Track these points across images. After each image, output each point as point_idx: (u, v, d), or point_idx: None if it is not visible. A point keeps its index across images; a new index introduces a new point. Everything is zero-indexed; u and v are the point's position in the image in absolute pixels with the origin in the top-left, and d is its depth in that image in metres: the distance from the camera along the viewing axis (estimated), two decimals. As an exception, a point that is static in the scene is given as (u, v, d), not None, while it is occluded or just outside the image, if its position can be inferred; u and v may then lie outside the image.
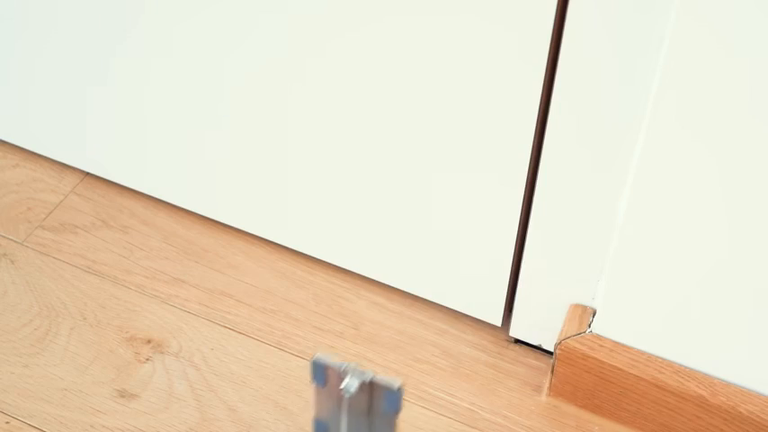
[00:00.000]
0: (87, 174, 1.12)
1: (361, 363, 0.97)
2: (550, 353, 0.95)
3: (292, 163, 0.96)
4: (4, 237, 1.07)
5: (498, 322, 0.98)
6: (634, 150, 0.75)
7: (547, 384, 0.95)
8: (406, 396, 0.95)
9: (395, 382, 0.80)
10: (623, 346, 0.88)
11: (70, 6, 0.95)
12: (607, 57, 0.72)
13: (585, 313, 0.90)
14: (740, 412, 0.84)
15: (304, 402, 0.94)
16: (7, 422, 0.91)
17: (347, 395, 0.82)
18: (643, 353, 0.87)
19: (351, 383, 0.81)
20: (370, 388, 0.82)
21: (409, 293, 1.01)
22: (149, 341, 0.98)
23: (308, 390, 0.95)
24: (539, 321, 0.95)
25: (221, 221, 1.07)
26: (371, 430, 0.86)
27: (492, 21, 0.75)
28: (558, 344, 0.89)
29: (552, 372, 0.92)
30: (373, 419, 0.85)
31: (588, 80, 0.74)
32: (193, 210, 1.08)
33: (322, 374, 0.84)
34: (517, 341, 0.99)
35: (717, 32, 0.65)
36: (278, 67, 0.88)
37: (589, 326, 0.89)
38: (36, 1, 0.96)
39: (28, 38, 1.00)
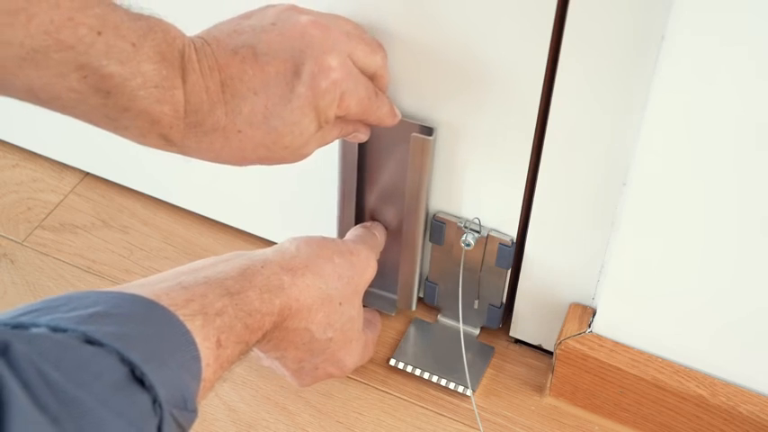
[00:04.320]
0: (87, 174, 1.12)
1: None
2: (550, 353, 0.95)
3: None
4: (4, 237, 1.07)
5: (498, 322, 0.98)
6: (634, 148, 0.74)
7: (547, 384, 0.95)
8: (406, 396, 0.95)
9: (508, 237, 0.87)
10: (623, 346, 0.88)
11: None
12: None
13: (585, 313, 0.90)
14: (740, 412, 0.84)
15: (304, 402, 0.94)
16: (7, 422, 0.91)
17: (466, 248, 0.87)
18: (643, 353, 0.87)
19: (469, 237, 0.87)
20: (485, 242, 0.88)
21: (409, 293, 1.01)
22: (149, 341, 0.98)
23: (308, 390, 0.95)
24: (539, 321, 0.95)
25: (221, 221, 1.07)
26: (481, 286, 0.92)
27: None
28: (558, 344, 0.89)
29: (552, 372, 0.92)
30: (483, 275, 0.91)
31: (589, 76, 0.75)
32: (193, 210, 1.08)
33: (441, 233, 0.89)
34: (517, 341, 0.99)
35: None
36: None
37: (589, 326, 0.88)
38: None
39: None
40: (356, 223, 0.93)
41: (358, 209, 0.92)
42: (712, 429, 0.87)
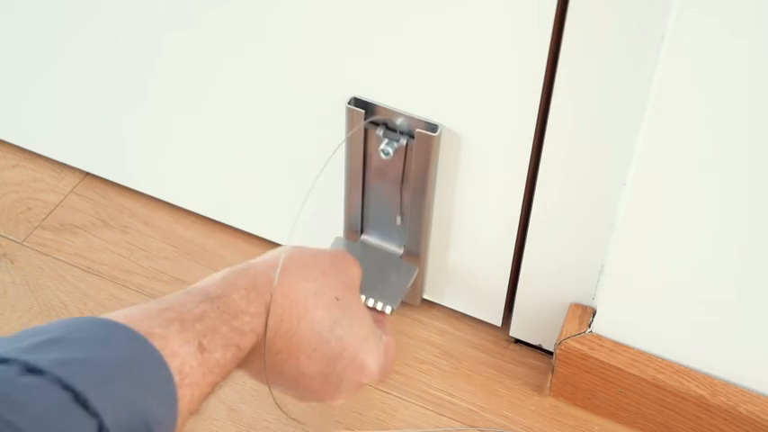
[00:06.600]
0: (87, 174, 1.12)
1: (361, 363, 0.97)
2: (550, 353, 0.95)
3: (290, 162, 0.96)
4: (4, 237, 1.07)
5: (498, 322, 0.98)
6: (634, 148, 0.75)
7: (547, 384, 0.95)
8: (406, 396, 0.95)
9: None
10: (623, 346, 0.88)
11: (70, 7, 0.95)
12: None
13: (585, 313, 0.90)
14: (740, 412, 0.84)
15: (304, 402, 0.94)
16: (7, 422, 0.91)
17: (385, 157, 0.85)
18: (643, 353, 0.87)
19: (388, 146, 0.85)
20: (405, 150, 0.85)
21: (409, 293, 1.01)
22: (149, 341, 0.98)
23: (307, 390, 0.95)
24: (539, 321, 0.95)
25: (221, 221, 1.07)
26: (403, 200, 0.89)
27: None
28: (558, 344, 0.89)
29: (552, 372, 0.92)
30: (405, 187, 0.88)
31: (588, 81, 0.75)
32: (193, 210, 1.08)
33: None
34: (517, 341, 0.99)
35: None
36: (272, 68, 0.88)
37: (589, 326, 0.89)
38: (36, 1, 0.96)
39: (28, 37, 1.00)
40: (362, 221, 0.93)
41: (363, 212, 0.92)
42: (712, 429, 0.87)
